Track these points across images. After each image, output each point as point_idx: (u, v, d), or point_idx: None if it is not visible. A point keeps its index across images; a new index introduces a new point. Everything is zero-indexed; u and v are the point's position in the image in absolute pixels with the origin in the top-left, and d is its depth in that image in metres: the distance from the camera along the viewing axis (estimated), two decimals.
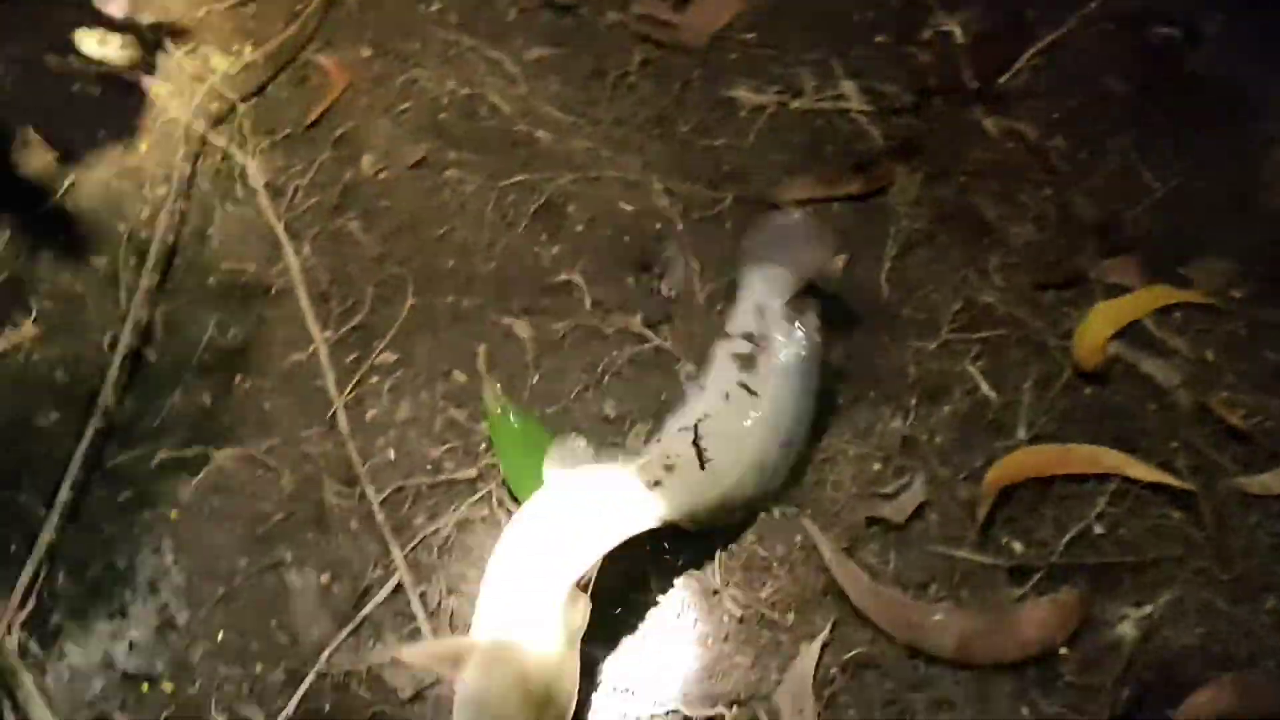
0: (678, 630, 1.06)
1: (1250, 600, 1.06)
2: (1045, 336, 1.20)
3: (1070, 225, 1.28)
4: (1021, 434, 1.15)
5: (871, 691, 1.05)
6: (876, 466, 1.14)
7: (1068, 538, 1.09)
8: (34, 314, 1.24)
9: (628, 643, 1.07)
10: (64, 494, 1.10)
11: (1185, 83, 1.36)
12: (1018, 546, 1.10)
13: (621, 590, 1.07)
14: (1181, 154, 1.31)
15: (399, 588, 1.10)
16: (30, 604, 1.10)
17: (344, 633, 1.09)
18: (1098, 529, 1.10)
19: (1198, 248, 1.25)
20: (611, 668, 1.06)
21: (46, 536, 1.09)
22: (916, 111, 1.36)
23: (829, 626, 1.07)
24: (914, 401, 1.17)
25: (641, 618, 1.07)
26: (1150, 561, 1.08)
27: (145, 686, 1.08)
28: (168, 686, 1.08)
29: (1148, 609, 1.06)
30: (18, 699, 1.05)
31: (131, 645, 1.09)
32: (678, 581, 1.09)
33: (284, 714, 1.06)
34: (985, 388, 1.18)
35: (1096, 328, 1.20)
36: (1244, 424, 1.14)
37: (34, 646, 1.09)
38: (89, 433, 1.13)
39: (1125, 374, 1.18)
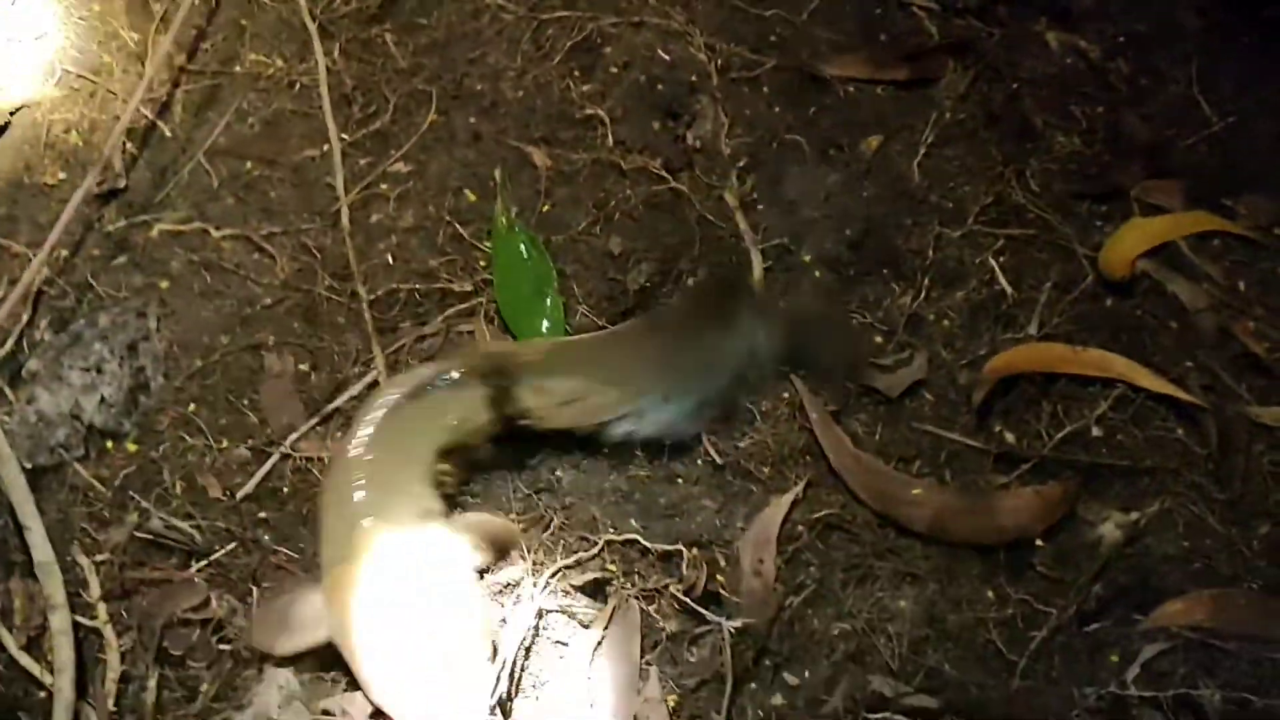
0: (649, 465, 1.04)
1: (1242, 523, 1.02)
2: (1073, 244, 1.16)
3: (1119, 143, 1.23)
4: (1032, 330, 1.11)
5: (836, 553, 1.02)
6: (878, 339, 1.10)
7: (1062, 434, 1.05)
8: (58, 75, 1.23)
9: (592, 465, 1.05)
10: (52, 239, 1.09)
11: (1258, 27, 1.31)
12: (1010, 436, 1.06)
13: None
14: (1243, 94, 1.27)
15: (375, 385, 1.08)
16: (7, 346, 1.09)
17: (314, 420, 1.07)
18: (1096, 431, 1.06)
19: (1246, 184, 1.21)
20: (574, 486, 1.04)
21: (30, 276, 1.08)
22: (980, 15, 1.32)
23: (803, 485, 1.04)
24: (927, 282, 1.13)
25: (614, 450, 1.05)
26: (1145, 469, 1.04)
27: (109, 444, 1.07)
28: (131, 447, 1.07)
29: (1134, 515, 1.02)
30: None
31: (103, 400, 1.07)
32: None
33: (243, 490, 1.04)
34: (1003, 281, 1.14)
35: (1129, 240, 1.15)
36: (1267, 355, 1.10)
37: (5, 387, 1.08)
38: (86, 181, 1.11)
39: (1150, 290, 1.14)
